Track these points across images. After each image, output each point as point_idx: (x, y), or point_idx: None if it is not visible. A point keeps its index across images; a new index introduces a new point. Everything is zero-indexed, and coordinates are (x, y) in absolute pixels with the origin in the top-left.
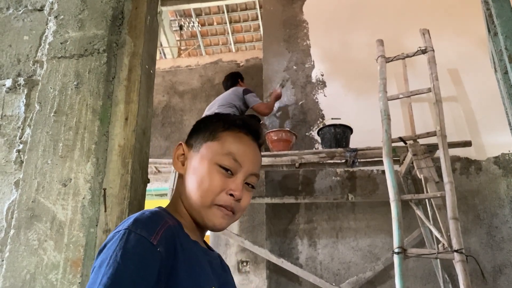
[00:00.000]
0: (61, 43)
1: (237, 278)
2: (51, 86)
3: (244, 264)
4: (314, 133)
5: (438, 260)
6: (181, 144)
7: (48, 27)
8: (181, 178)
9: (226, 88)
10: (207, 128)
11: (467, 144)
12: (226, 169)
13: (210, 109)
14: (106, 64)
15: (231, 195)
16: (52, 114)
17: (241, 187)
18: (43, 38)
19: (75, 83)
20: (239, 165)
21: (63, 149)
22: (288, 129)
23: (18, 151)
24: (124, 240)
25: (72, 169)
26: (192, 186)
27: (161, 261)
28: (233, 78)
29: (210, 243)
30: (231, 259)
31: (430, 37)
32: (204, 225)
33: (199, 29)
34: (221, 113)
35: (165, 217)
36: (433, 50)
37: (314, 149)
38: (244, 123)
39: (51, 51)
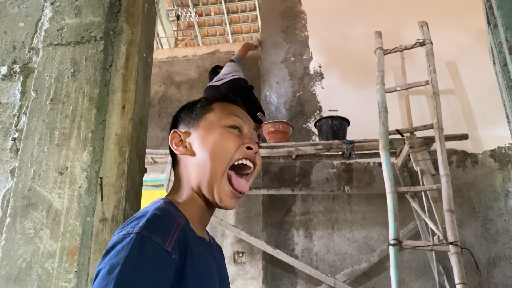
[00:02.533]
0: (57, 30)
1: (233, 268)
2: (47, 73)
3: (240, 255)
4: (311, 125)
5: (433, 252)
6: (175, 131)
7: (44, 14)
8: (183, 164)
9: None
10: (194, 108)
11: (464, 137)
12: (236, 127)
13: (216, 81)
14: (103, 51)
15: (249, 148)
16: (48, 102)
17: (253, 140)
18: (39, 25)
19: (71, 70)
20: (242, 121)
21: (59, 137)
22: (285, 120)
23: (14, 139)
24: (137, 247)
25: (69, 157)
26: (206, 158)
27: (175, 269)
28: (214, 71)
29: None
30: (227, 250)
31: (428, 30)
32: (216, 203)
33: (197, 19)
34: (193, 100)
35: (176, 217)
36: (431, 43)
37: (311, 141)
38: (224, 96)
39: (47, 38)
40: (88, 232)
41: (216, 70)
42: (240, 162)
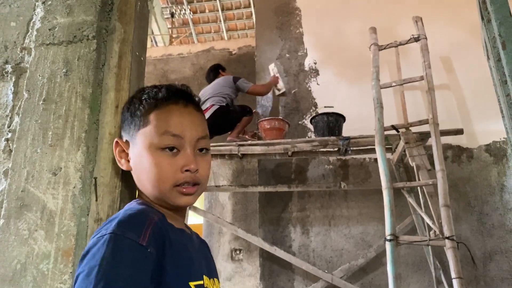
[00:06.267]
0: (49, 29)
1: (230, 266)
2: (40, 73)
3: (237, 252)
4: (307, 122)
5: (430, 247)
6: (117, 141)
7: (36, 13)
8: (133, 173)
9: (210, 81)
10: (135, 114)
11: (459, 132)
12: (170, 148)
13: (201, 100)
14: (95, 51)
15: (187, 170)
16: (41, 102)
17: (192, 158)
18: (31, 24)
19: (64, 70)
20: (180, 137)
21: (52, 138)
22: (281, 117)
23: (7, 139)
24: (112, 246)
25: (62, 158)
26: (145, 180)
27: (153, 262)
28: (214, 70)
29: (203, 232)
30: (224, 248)
31: (423, 25)
32: (175, 206)
33: (191, 17)
34: (140, 92)
35: (149, 213)
36: (426, 38)
37: (307, 137)
38: (169, 92)
39: (39, 38)
40: (83, 232)
41: (217, 70)
42: (181, 184)
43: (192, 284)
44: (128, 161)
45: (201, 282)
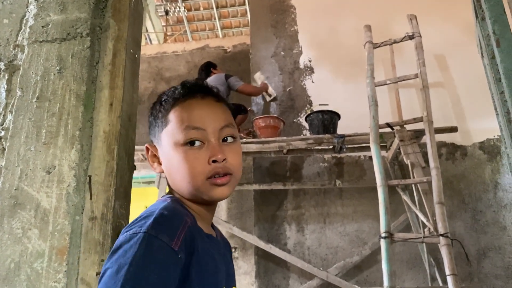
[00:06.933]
0: (42, 26)
1: None
2: (33, 71)
3: (233, 250)
4: (302, 120)
5: (424, 244)
6: (147, 147)
7: (29, 10)
8: (167, 174)
9: (202, 80)
10: (157, 117)
11: (453, 129)
12: (194, 142)
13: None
14: (89, 48)
15: (214, 161)
16: (35, 100)
17: (217, 148)
18: (24, 21)
19: (57, 68)
20: (202, 130)
21: (46, 136)
22: (276, 115)
23: (0, 138)
24: (144, 246)
25: (56, 156)
26: (178, 178)
27: (181, 268)
28: (206, 69)
29: None
30: None
31: (417, 23)
32: (212, 201)
33: (186, 14)
34: (160, 96)
35: (184, 216)
36: (420, 36)
37: (302, 135)
38: (184, 88)
39: (32, 35)
40: (77, 231)
41: (208, 68)
42: (212, 176)
43: None
44: (160, 164)
45: None
